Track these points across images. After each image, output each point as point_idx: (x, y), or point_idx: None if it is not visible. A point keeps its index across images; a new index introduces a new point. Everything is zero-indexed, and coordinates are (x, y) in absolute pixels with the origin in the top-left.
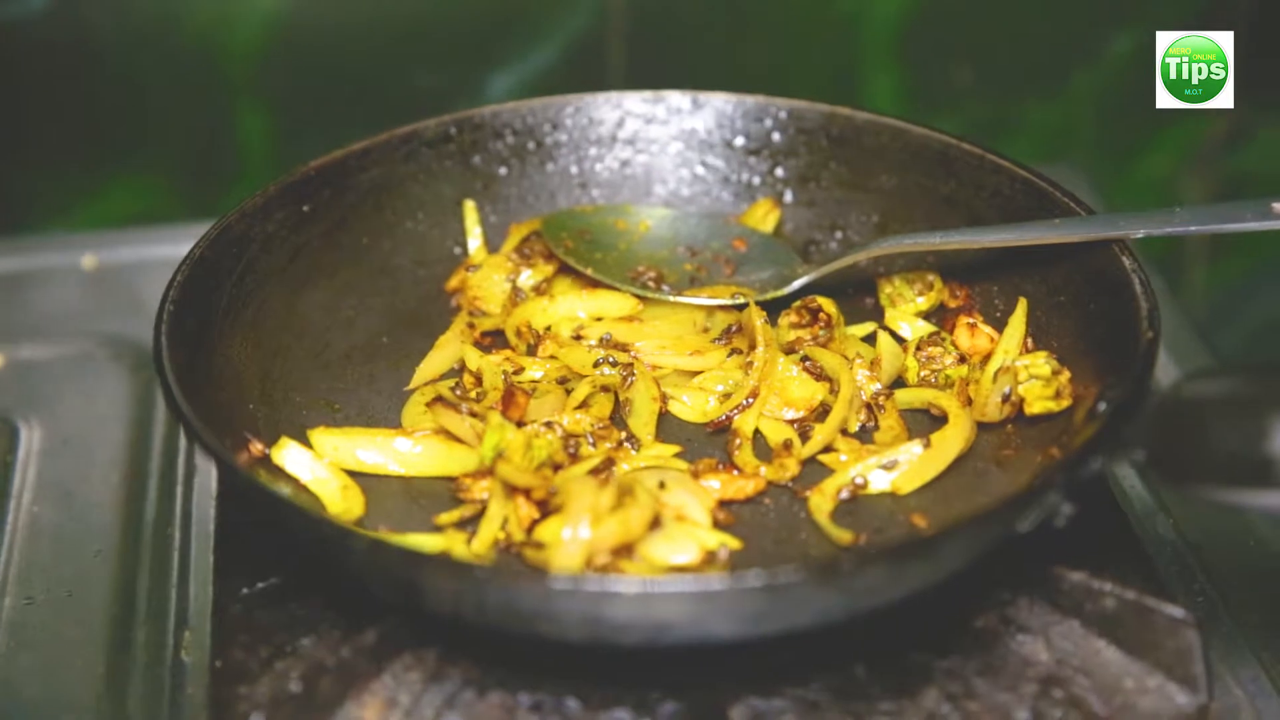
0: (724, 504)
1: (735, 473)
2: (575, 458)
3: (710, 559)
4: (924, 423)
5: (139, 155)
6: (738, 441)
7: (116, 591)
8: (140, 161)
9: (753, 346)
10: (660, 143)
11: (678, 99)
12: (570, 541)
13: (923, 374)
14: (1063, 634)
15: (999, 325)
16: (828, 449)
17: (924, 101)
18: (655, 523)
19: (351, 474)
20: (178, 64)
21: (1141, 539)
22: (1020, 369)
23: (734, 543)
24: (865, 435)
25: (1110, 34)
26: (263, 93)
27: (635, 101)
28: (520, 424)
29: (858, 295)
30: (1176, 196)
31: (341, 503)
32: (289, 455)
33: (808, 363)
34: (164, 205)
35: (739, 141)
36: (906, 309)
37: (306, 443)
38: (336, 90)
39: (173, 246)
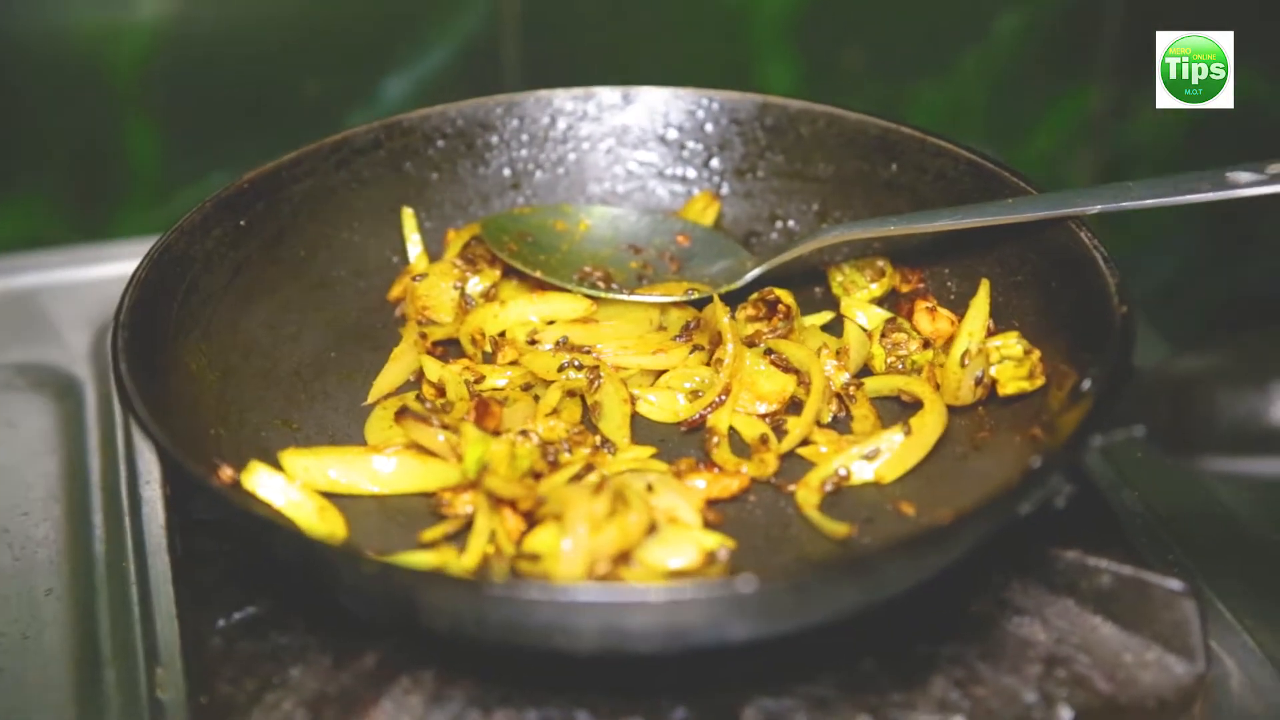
0: (710, 503)
1: (716, 471)
2: (555, 465)
3: (710, 560)
4: (894, 410)
5: (20, 177)
6: (715, 440)
7: (76, 631)
8: (22, 183)
9: (714, 342)
10: (592, 140)
11: (608, 95)
12: (572, 551)
13: (889, 360)
14: (1058, 613)
15: (954, 307)
16: (805, 442)
17: (819, 87)
18: (650, 527)
19: (324, 495)
20: (61, 79)
21: (1119, 515)
22: (992, 350)
23: (730, 543)
24: (838, 425)
25: (996, 13)
26: (150, 107)
27: (565, 99)
28: (495, 433)
29: (806, 284)
30: (1066, 172)
31: (321, 525)
32: (260, 480)
33: (773, 356)
34: (48, 228)
35: (672, 135)
36: (861, 297)
37: (270, 464)
38: (226, 102)
39: (73, 270)
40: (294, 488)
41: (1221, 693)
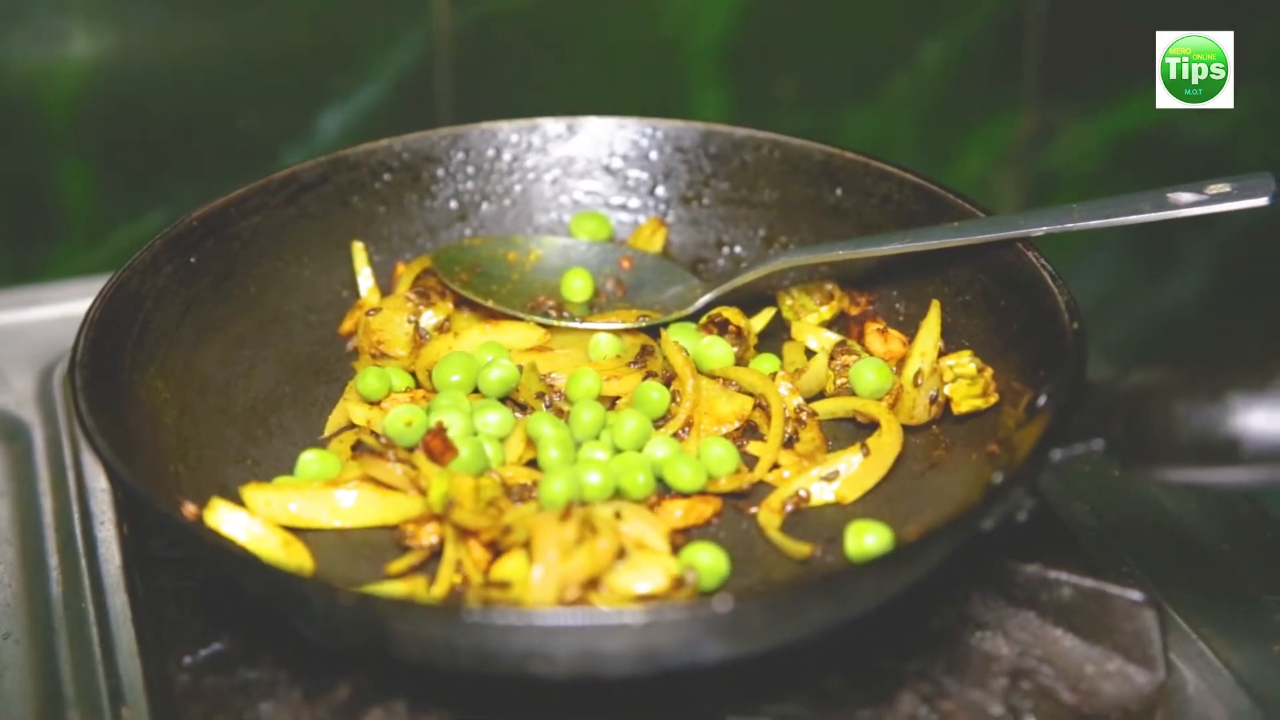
0: (677, 530)
1: (683, 498)
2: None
3: (678, 584)
4: (849, 431)
5: None
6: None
7: (37, 674)
8: None
9: (668, 370)
10: (538, 171)
11: (552, 125)
12: (543, 578)
13: (839, 382)
14: (1020, 626)
15: (903, 328)
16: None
17: (751, 115)
18: (619, 553)
19: (286, 529)
20: None
21: (1071, 528)
22: (946, 369)
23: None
24: (787, 446)
25: (922, 40)
26: (84, 146)
27: (510, 131)
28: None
29: (754, 307)
30: (991, 196)
31: (288, 559)
32: (222, 516)
33: (730, 384)
34: None
35: (617, 164)
36: (811, 321)
37: (231, 500)
38: (161, 140)
39: (13, 312)
40: (256, 522)
41: (1179, 700)
